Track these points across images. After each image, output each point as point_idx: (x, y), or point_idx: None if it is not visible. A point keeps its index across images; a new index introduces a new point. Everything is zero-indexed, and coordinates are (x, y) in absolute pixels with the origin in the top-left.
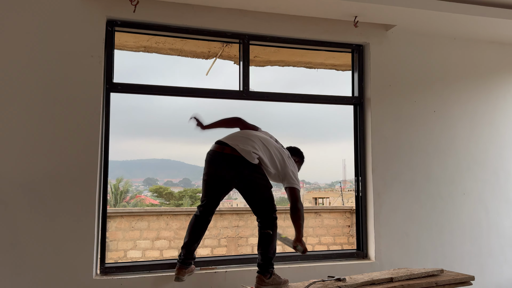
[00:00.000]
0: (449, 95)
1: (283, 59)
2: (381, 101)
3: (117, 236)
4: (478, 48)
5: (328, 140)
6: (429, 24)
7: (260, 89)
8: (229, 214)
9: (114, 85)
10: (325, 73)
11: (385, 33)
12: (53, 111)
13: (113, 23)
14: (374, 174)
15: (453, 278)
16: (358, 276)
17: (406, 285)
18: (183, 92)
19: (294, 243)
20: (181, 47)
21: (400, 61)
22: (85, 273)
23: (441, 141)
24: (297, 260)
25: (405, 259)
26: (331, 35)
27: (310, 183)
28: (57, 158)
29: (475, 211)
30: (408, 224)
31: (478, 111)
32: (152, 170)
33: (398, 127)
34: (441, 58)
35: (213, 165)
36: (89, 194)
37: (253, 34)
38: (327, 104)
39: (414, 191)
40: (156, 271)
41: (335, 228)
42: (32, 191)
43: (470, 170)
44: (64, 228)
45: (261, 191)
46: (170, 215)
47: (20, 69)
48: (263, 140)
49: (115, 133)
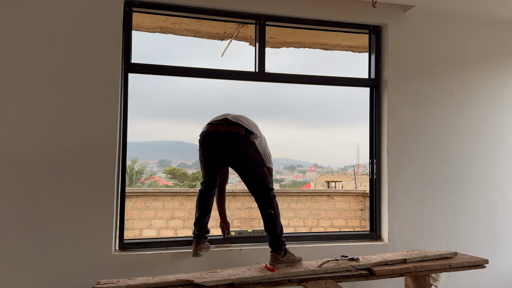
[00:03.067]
0: (467, 78)
1: (299, 40)
2: (398, 83)
3: (132, 215)
4: (498, 29)
5: (342, 124)
6: (449, 5)
7: (275, 71)
8: (242, 195)
9: (132, 65)
10: (341, 55)
11: (404, 14)
12: (73, 90)
13: (131, 3)
14: (389, 156)
15: (466, 261)
16: (371, 256)
17: (419, 267)
18: (199, 73)
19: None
20: (197, 28)
21: (418, 43)
22: (105, 248)
23: (458, 124)
24: (310, 240)
25: (419, 241)
26: (348, 15)
27: (323, 166)
28: (77, 136)
29: (490, 195)
30: (422, 206)
31: (497, 94)
32: (166, 152)
33: (414, 109)
34: (460, 39)
35: (208, 146)
36: (109, 172)
37: (270, 15)
38: (343, 86)
39: (429, 174)
40: (173, 248)
41: (348, 211)
42: (53, 168)
43: (486, 154)
44: (84, 205)
45: (258, 165)
46: (185, 196)
47: (41, 49)
48: (247, 118)
49: (129, 115)
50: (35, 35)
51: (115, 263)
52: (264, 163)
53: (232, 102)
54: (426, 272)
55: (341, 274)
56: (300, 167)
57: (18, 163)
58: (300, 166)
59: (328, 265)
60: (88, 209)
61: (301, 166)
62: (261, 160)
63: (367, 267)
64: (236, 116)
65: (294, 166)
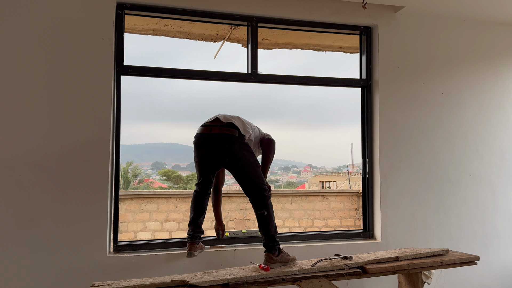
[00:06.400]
0: (457, 78)
1: (291, 41)
2: (389, 83)
3: (127, 218)
4: (488, 30)
5: (335, 125)
6: (438, 6)
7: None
8: (236, 197)
9: (124, 67)
10: (333, 56)
11: (394, 15)
12: (66, 92)
13: (123, 6)
14: (381, 156)
15: (458, 258)
16: (364, 254)
17: (412, 264)
18: (192, 75)
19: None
20: (189, 30)
21: (409, 43)
22: (99, 250)
23: (449, 123)
24: (304, 240)
25: (411, 239)
26: (339, 17)
27: (317, 167)
28: (70, 139)
29: (481, 193)
30: (415, 205)
31: (486, 93)
32: (160, 154)
33: (405, 109)
34: (450, 40)
35: (202, 148)
36: (102, 174)
37: (262, 17)
38: (335, 87)
39: (421, 173)
40: (167, 249)
41: (342, 211)
42: (46, 171)
43: (477, 152)
44: (78, 208)
45: (252, 167)
46: (179, 198)
47: (32, 52)
48: (240, 118)
49: (123, 118)
50: (27, 38)
51: (109, 265)
52: (258, 164)
53: (227, 104)
54: (418, 270)
55: (334, 272)
56: (295, 168)
57: (10, 166)
58: (295, 167)
59: (322, 264)
60: (82, 211)
61: (295, 166)
62: (255, 161)
63: (360, 265)
64: (228, 116)
65: (288, 166)
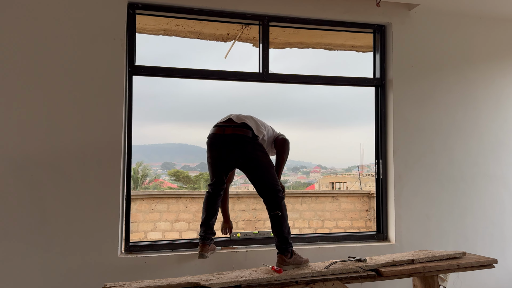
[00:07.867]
0: (473, 76)
1: (302, 40)
2: (403, 83)
3: (137, 218)
4: (504, 27)
5: (346, 125)
6: (453, 3)
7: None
8: (246, 197)
9: (136, 68)
10: (345, 55)
11: (408, 13)
12: (78, 93)
13: (134, 6)
14: (396, 156)
15: (475, 261)
16: (378, 257)
17: (428, 267)
18: (203, 75)
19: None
20: (200, 29)
21: (423, 42)
22: (111, 251)
23: (464, 123)
24: (317, 241)
25: (426, 241)
26: (352, 15)
27: (327, 167)
28: (82, 139)
29: (498, 194)
30: (429, 206)
31: (503, 92)
32: (170, 155)
33: (420, 108)
34: (465, 38)
35: (215, 148)
36: (114, 174)
37: (273, 15)
38: (348, 86)
39: (436, 174)
40: (179, 250)
41: (353, 212)
42: (59, 171)
43: (494, 153)
44: (90, 208)
45: (265, 167)
46: (189, 198)
47: (45, 52)
48: (253, 117)
49: (134, 118)
50: (40, 38)
51: (121, 265)
52: (272, 165)
53: (238, 104)
54: (434, 273)
55: (348, 275)
56: (304, 168)
57: (23, 166)
58: (304, 167)
59: (335, 266)
60: (94, 212)
61: (305, 167)
62: (268, 162)
63: (374, 268)
64: (241, 116)
65: (298, 167)
